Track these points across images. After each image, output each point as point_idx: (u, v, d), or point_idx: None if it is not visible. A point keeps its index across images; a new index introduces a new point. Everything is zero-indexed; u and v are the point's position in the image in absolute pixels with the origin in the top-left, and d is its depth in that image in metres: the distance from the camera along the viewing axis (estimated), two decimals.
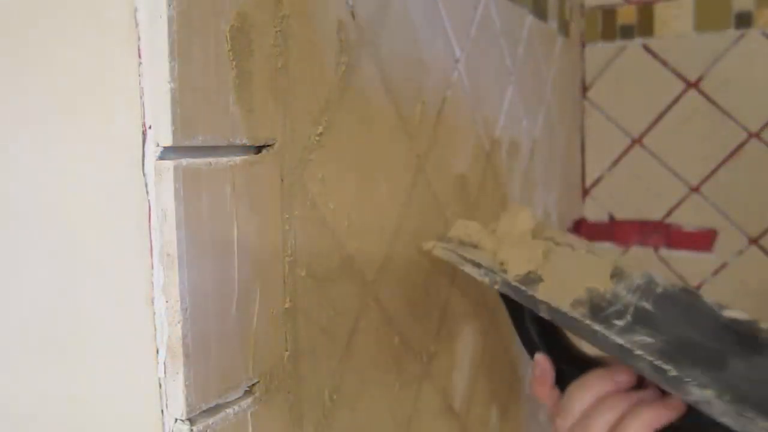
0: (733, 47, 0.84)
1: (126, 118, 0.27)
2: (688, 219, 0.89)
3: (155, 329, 0.28)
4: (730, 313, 0.41)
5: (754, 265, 0.85)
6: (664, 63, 0.88)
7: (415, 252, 0.48)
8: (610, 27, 0.91)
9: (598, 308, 0.41)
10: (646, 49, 0.89)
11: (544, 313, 0.42)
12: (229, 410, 0.30)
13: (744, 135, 0.85)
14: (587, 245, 0.48)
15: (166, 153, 0.27)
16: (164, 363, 0.28)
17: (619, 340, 0.38)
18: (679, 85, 0.88)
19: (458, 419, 0.56)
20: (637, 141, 0.91)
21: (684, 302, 0.42)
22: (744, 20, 0.84)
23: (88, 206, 0.29)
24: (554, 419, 0.43)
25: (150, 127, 0.27)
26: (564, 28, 0.85)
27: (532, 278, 0.44)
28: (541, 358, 0.46)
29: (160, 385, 0.28)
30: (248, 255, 0.31)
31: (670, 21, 0.88)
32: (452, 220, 0.53)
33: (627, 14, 0.90)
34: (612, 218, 0.92)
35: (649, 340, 0.38)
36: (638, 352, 0.37)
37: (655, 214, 0.91)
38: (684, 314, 0.41)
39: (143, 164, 0.27)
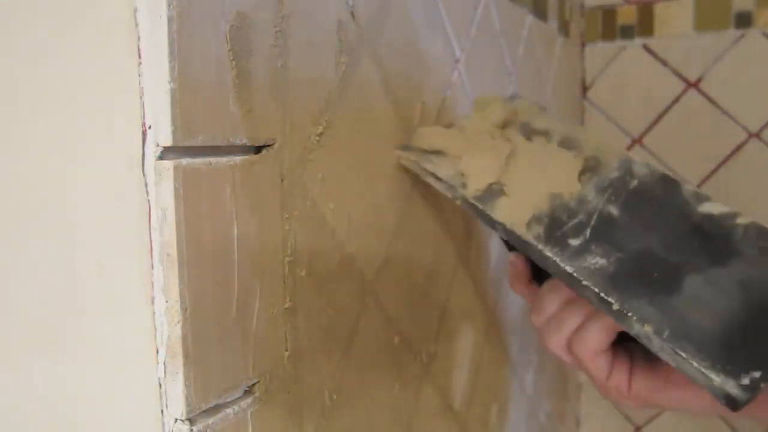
0: (733, 47, 0.84)
1: (126, 118, 0.27)
2: None
3: (155, 329, 0.28)
4: (706, 208, 0.39)
5: None
6: (664, 63, 0.88)
7: (415, 252, 0.48)
8: (610, 27, 0.91)
9: (556, 224, 0.39)
10: (646, 49, 0.89)
11: (501, 234, 0.41)
12: (229, 410, 0.30)
13: (744, 135, 0.85)
14: (566, 128, 0.45)
15: (166, 153, 0.27)
16: (164, 363, 0.28)
17: (569, 268, 0.37)
18: (679, 85, 0.88)
19: (458, 419, 0.56)
20: (637, 141, 0.91)
21: (658, 197, 0.40)
22: (744, 20, 0.84)
23: (87, 206, 0.29)
24: (531, 314, 0.44)
25: (150, 127, 0.27)
26: (564, 28, 0.85)
27: (493, 191, 0.41)
28: (514, 257, 0.46)
29: (160, 385, 0.28)
30: (248, 255, 0.31)
31: (670, 21, 0.88)
32: (453, 221, 0.53)
33: (627, 14, 0.90)
34: None
35: (601, 262, 0.37)
36: (585, 282, 0.37)
37: None
38: (653, 215, 0.39)
39: (143, 164, 0.27)
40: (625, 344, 0.42)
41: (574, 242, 0.38)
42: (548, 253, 0.38)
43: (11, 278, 0.32)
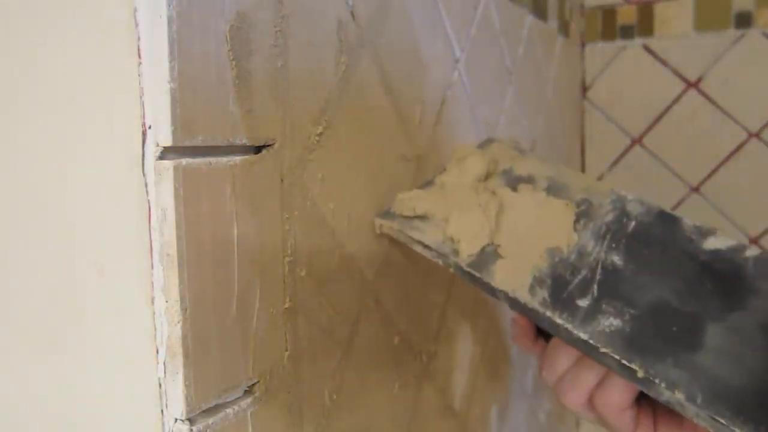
0: (733, 47, 0.84)
1: (126, 118, 0.27)
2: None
3: (155, 329, 0.28)
4: (711, 243, 0.37)
5: None
6: (664, 63, 0.88)
7: (416, 252, 0.48)
8: (610, 27, 0.91)
9: (560, 284, 0.37)
10: (646, 49, 0.89)
11: (504, 301, 0.38)
12: (229, 410, 0.30)
13: (744, 135, 0.85)
14: (550, 171, 0.42)
15: (166, 153, 0.27)
16: (164, 363, 0.28)
17: (583, 335, 0.35)
18: (679, 85, 0.88)
19: (458, 419, 0.56)
20: (637, 141, 0.91)
21: (659, 238, 0.37)
22: (744, 20, 0.84)
23: (87, 206, 0.29)
24: (541, 371, 0.42)
25: (150, 127, 0.27)
26: (564, 28, 0.85)
27: (487, 254, 0.39)
28: (517, 316, 0.44)
29: (160, 385, 0.28)
30: (248, 255, 0.31)
31: (670, 21, 0.88)
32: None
33: (627, 14, 0.90)
34: None
35: (615, 322, 0.35)
36: (604, 349, 0.34)
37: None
38: (659, 260, 0.37)
39: (143, 164, 0.27)
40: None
41: (583, 303, 0.36)
42: (558, 320, 0.36)
43: (11, 278, 0.32)
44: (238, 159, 0.30)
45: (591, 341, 0.35)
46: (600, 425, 0.40)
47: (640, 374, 0.33)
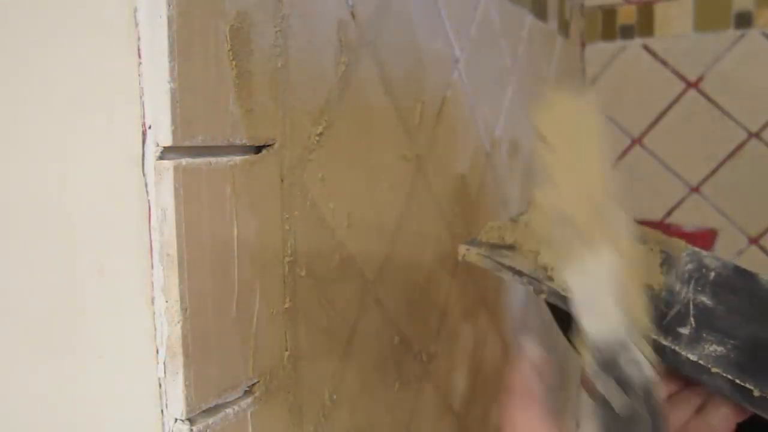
0: (733, 47, 0.84)
1: (126, 118, 0.27)
2: (688, 219, 0.89)
3: (155, 329, 0.28)
4: None
5: (755, 265, 0.84)
6: (664, 63, 0.88)
7: (415, 252, 0.48)
8: (610, 27, 0.91)
9: (658, 314, 0.37)
10: (646, 49, 0.89)
11: None
12: (229, 410, 0.30)
13: (744, 135, 0.85)
14: (625, 222, 0.43)
15: (166, 153, 0.27)
16: (164, 363, 0.28)
17: (692, 356, 0.35)
18: (679, 85, 0.88)
19: (458, 419, 0.56)
20: (637, 141, 0.91)
21: (740, 287, 0.39)
22: (744, 20, 0.84)
23: (88, 206, 0.29)
24: None
25: (150, 127, 0.27)
26: (564, 28, 0.85)
27: None
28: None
29: (160, 385, 0.28)
30: (248, 255, 0.31)
31: (670, 21, 0.88)
32: (453, 221, 0.53)
33: (627, 14, 0.90)
34: None
35: (720, 350, 0.36)
36: (715, 370, 0.35)
37: (655, 214, 0.91)
38: (745, 304, 0.38)
39: (143, 164, 0.27)
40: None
41: (684, 331, 0.37)
42: (664, 342, 0.36)
43: (12, 278, 0.32)
44: (238, 159, 0.30)
45: (701, 362, 0.35)
46: None
47: (756, 393, 0.33)
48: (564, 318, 0.44)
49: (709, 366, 0.35)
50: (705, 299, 0.38)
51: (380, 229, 0.43)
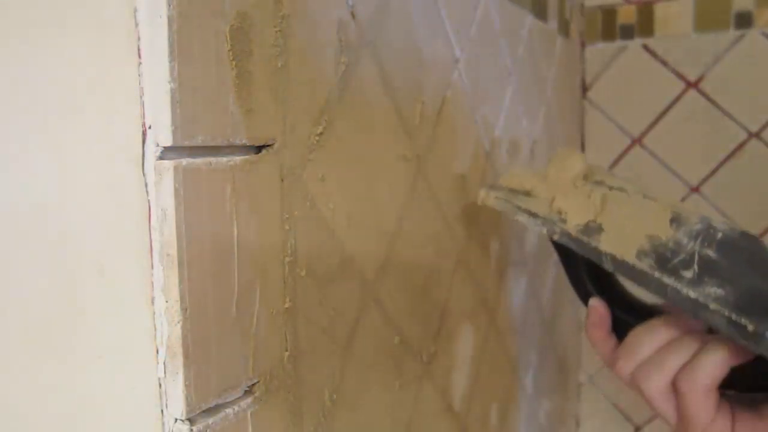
0: (733, 47, 0.84)
1: (126, 118, 0.27)
2: None
3: (155, 329, 0.28)
4: None
5: None
6: (664, 63, 0.88)
7: (415, 252, 0.48)
8: (610, 27, 0.91)
9: (663, 258, 0.40)
10: (646, 49, 0.89)
11: (608, 265, 0.42)
12: (229, 410, 0.30)
13: (744, 135, 0.85)
14: (640, 189, 0.46)
15: (166, 153, 0.27)
16: (164, 363, 0.28)
17: (693, 294, 0.38)
18: (679, 85, 0.88)
19: (458, 419, 0.56)
20: (637, 141, 0.91)
21: (746, 248, 0.40)
22: (744, 20, 0.84)
23: (87, 206, 0.29)
24: (614, 364, 0.43)
25: (150, 127, 0.27)
26: (564, 28, 0.85)
27: (592, 228, 0.43)
28: (597, 302, 0.46)
29: (160, 385, 0.28)
30: (248, 255, 0.31)
31: (670, 21, 0.88)
32: (453, 221, 0.53)
33: (627, 14, 0.90)
34: None
35: (720, 291, 0.37)
36: (713, 306, 0.37)
37: None
38: (748, 262, 0.39)
39: (143, 164, 0.27)
40: (722, 391, 0.41)
41: (687, 274, 0.39)
42: (666, 281, 0.39)
43: (11, 278, 0.32)
44: (238, 159, 0.30)
45: (700, 299, 0.37)
46: (671, 418, 0.41)
47: (750, 328, 0.35)
48: (571, 260, 0.48)
49: (708, 303, 0.37)
50: (710, 252, 0.39)
51: (380, 229, 0.43)
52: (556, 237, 0.44)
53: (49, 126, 0.30)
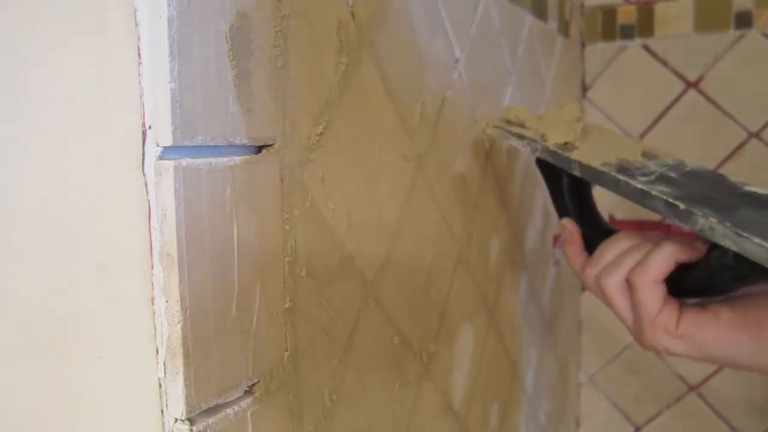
0: (733, 47, 0.84)
1: (126, 118, 0.27)
2: None
3: (155, 329, 0.28)
4: (751, 188, 0.43)
5: None
6: (664, 63, 0.88)
7: (415, 252, 0.48)
8: (610, 27, 0.91)
9: (625, 168, 0.46)
10: (646, 49, 0.89)
11: (576, 171, 0.48)
12: (229, 410, 0.30)
13: (744, 135, 0.85)
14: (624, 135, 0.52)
15: (166, 153, 0.27)
16: (164, 363, 0.28)
17: (639, 185, 0.43)
18: (679, 85, 0.88)
19: (458, 419, 0.56)
20: None
21: (709, 178, 0.44)
22: (744, 20, 0.84)
23: (88, 206, 0.29)
24: (582, 272, 0.49)
25: (150, 127, 0.27)
26: (564, 28, 0.85)
27: (568, 147, 0.50)
28: (567, 221, 0.53)
29: (160, 385, 0.28)
30: (248, 255, 0.31)
31: (670, 21, 0.88)
32: (453, 221, 0.53)
33: (627, 14, 0.90)
34: (612, 218, 0.92)
35: (666, 190, 0.43)
36: (655, 193, 0.42)
37: (655, 214, 0.91)
38: (706, 185, 0.44)
39: (143, 164, 0.27)
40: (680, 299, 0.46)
41: (642, 178, 0.45)
42: (620, 177, 0.45)
43: (12, 278, 0.32)
44: (238, 159, 0.30)
45: (645, 188, 0.43)
46: (627, 316, 0.46)
47: (682, 207, 0.41)
48: (554, 179, 0.54)
49: (651, 191, 0.42)
50: (672, 174, 0.45)
51: (380, 229, 0.43)
52: (537, 154, 0.50)
53: (49, 126, 0.30)
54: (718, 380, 0.89)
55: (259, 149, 0.32)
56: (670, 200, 0.41)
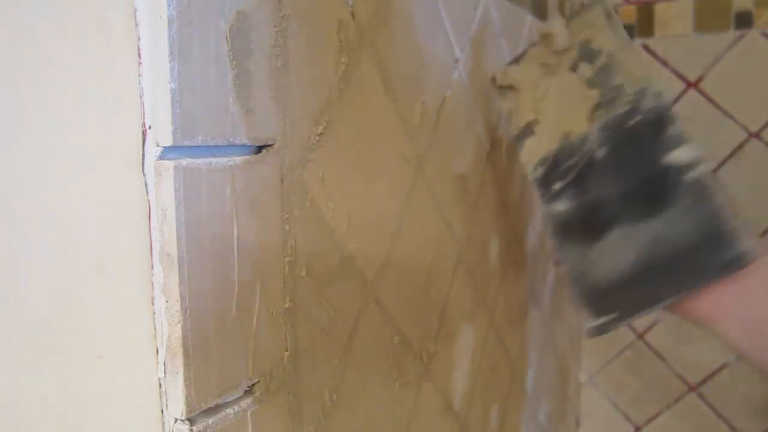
0: (733, 47, 0.84)
1: (126, 118, 0.27)
2: None
3: (155, 329, 0.28)
4: (675, 156, 0.44)
5: None
6: (665, 63, 0.88)
7: (415, 252, 0.48)
8: None
9: (555, 166, 0.49)
10: (646, 49, 0.89)
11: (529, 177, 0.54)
12: (229, 410, 0.30)
13: (744, 135, 0.85)
14: (617, 48, 0.49)
15: (166, 153, 0.27)
16: (164, 363, 0.28)
17: (544, 209, 0.50)
18: (679, 85, 0.88)
19: (458, 419, 0.56)
20: None
21: (642, 140, 0.45)
22: (744, 20, 0.84)
23: (88, 206, 0.29)
24: None
25: (150, 127, 0.27)
26: None
27: (526, 131, 0.53)
28: None
29: (160, 385, 0.28)
30: (248, 255, 0.31)
31: (670, 21, 0.88)
32: (453, 221, 0.53)
33: (627, 14, 0.90)
34: None
35: (564, 208, 0.48)
36: (550, 224, 0.49)
37: None
38: (629, 160, 0.45)
39: (143, 164, 0.27)
40: None
41: (557, 186, 0.49)
42: (539, 195, 0.50)
43: (12, 278, 0.32)
44: (238, 159, 0.30)
45: (546, 210, 0.50)
46: None
47: (558, 246, 0.49)
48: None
49: (550, 221, 0.50)
50: (602, 151, 0.47)
51: (380, 229, 0.43)
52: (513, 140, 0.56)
53: (49, 126, 0.30)
54: (718, 380, 0.89)
55: (259, 149, 0.32)
56: (553, 241, 0.48)
